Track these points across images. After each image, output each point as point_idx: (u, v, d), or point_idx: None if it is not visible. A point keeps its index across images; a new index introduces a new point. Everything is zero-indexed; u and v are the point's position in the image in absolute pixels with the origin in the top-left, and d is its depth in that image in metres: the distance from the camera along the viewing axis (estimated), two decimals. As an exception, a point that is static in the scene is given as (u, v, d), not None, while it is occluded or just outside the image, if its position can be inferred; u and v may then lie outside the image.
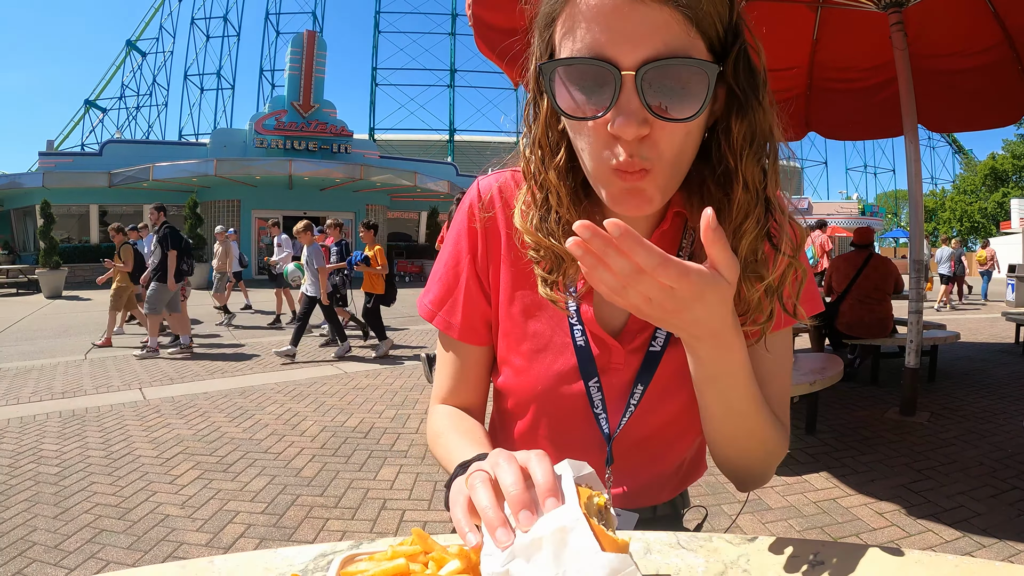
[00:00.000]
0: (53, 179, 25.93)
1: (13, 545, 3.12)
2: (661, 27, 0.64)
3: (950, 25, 5.44)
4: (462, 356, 0.99)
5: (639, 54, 0.64)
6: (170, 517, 3.43)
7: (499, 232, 0.93)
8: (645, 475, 0.98)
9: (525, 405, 0.98)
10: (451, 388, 0.99)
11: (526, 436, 0.99)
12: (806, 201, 47.71)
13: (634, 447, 0.94)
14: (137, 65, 52.16)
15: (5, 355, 9.16)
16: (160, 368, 7.78)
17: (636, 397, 0.90)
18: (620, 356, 0.90)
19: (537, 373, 0.93)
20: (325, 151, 27.96)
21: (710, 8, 0.65)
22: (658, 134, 0.67)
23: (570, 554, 0.51)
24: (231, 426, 5.14)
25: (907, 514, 3.37)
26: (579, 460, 0.68)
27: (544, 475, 0.56)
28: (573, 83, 0.68)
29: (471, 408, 1.00)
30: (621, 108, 0.65)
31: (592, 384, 0.90)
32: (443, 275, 0.98)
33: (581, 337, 0.89)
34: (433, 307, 0.98)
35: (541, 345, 0.92)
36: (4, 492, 3.80)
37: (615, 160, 0.69)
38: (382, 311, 8.80)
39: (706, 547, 0.73)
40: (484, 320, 0.97)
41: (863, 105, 6.39)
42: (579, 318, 0.89)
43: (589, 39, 0.66)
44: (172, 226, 8.67)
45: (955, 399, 5.78)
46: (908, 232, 6.51)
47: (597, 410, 0.91)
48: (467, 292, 0.95)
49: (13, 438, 4.90)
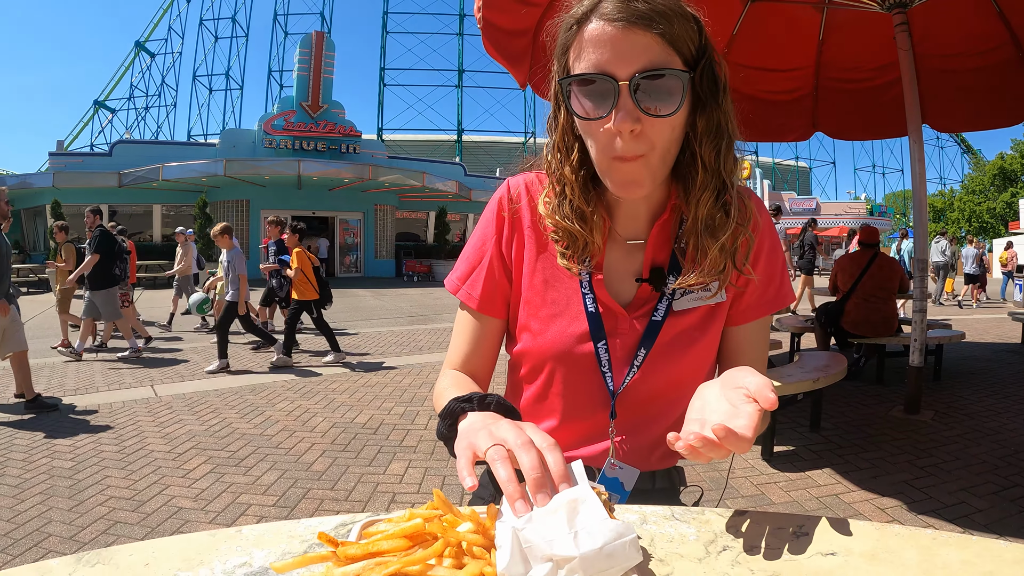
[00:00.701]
0: (63, 179, 26.10)
1: (29, 536, 3.19)
2: (646, 48, 0.85)
3: (955, 25, 5.45)
4: (478, 326, 1.15)
5: (631, 68, 0.85)
6: (183, 509, 3.50)
7: (524, 220, 1.11)
8: (646, 433, 1.10)
9: (541, 365, 1.11)
10: (464, 354, 1.15)
11: (540, 394, 1.13)
12: (814, 201, 47.58)
13: (636, 405, 1.08)
14: (146, 66, 52.50)
15: (18, 353, 9.25)
16: (171, 366, 7.87)
17: (639, 359, 1.05)
18: (626, 322, 1.06)
19: (553, 335, 1.08)
20: (334, 151, 28.04)
21: (683, 33, 0.87)
22: (649, 129, 0.88)
23: (581, 519, 0.60)
24: (242, 422, 5.22)
25: (908, 510, 3.41)
26: (587, 414, 1.01)
27: (557, 464, 0.66)
28: (584, 94, 0.89)
29: (477, 375, 1.15)
30: (620, 109, 0.86)
31: (600, 346, 1.05)
32: (470, 255, 1.15)
33: (592, 304, 1.06)
34: (459, 282, 1.15)
35: (558, 311, 1.08)
36: (19, 485, 3.88)
37: (616, 151, 0.89)
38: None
39: (698, 519, 0.79)
40: (502, 295, 1.14)
41: (870, 105, 6.40)
42: (591, 288, 1.06)
43: (594, 59, 0.87)
44: (105, 229, 8.41)
45: (960, 398, 5.80)
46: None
47: (604, 369, 1.06)
48: (489, 270, 1.12)
49: (26, 433, 4.98)
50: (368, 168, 25.54)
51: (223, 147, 28.12)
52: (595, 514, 0.60)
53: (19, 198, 28.62)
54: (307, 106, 27.98)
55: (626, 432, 1.09)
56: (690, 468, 3.93)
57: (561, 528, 0.59)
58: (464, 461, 0.70)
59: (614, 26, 0.85)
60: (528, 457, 0.66)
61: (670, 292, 1.04)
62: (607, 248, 1.08)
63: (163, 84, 53.48)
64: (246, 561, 0.70)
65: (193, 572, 0.68)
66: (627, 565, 0.58)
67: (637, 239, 1.07)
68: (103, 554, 0.72)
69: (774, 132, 7.05)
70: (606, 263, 1.08)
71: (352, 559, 0.61)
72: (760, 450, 4.26)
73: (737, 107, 1.01)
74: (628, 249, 1.08)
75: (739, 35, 5.90)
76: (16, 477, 4.01)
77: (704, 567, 0.67)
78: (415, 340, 9.99)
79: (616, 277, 1.08)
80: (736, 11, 5.69)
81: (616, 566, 0.58)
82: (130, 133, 49.75)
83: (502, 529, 0.60)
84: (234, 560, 0.71)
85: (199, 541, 0.76)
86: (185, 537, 0.76)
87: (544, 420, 1.13)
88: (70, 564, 0.70)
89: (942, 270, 16.52)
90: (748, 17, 5.73)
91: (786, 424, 4.88)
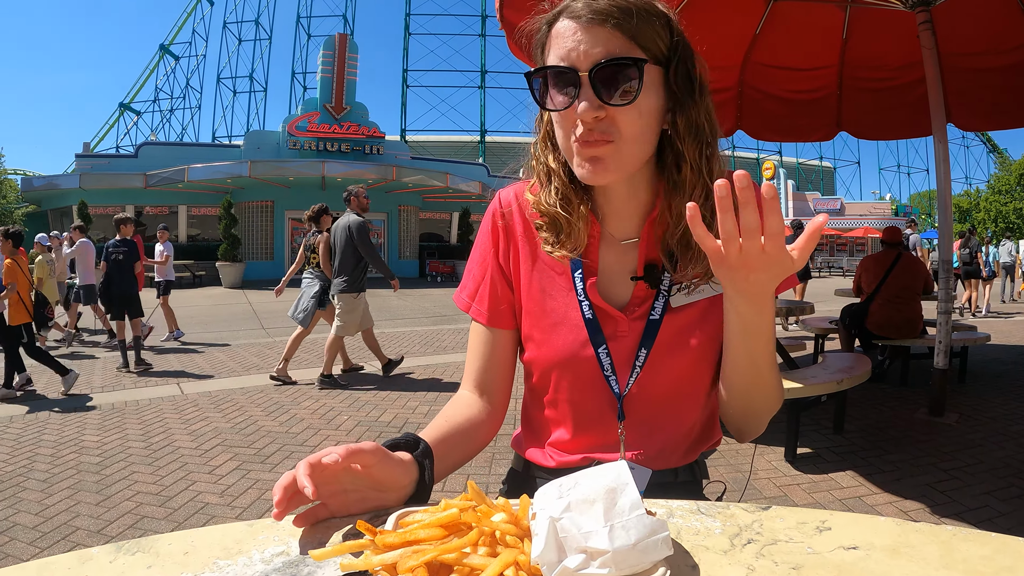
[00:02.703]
0: (90, 180, 26.46)
1: (57, 530, 3.26)
2: (605, 41, 0.89)
3: (980, 23, 5.39)
4: (492, 340, 1.16)
5: (590, 60, 0.89)
6: (210, 505, 3.55)
7: (517, 230, 1.13)
8: (657, 436, 1.10)
9: (547, 374, 1.13)
10: (479, 369, 1.16)
11: (551, 402, 1.14)
12: (838, 201, 47.13)
13: (645, 405, 1.08)
14: (170, 69, 53.15)
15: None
16: (197, 364, 7.97)
17: (641, 360, 1.05)
18: (624, 325, 1.07)
19: (555, 344, 1.09)
20: (357, 152, 28.20)
21: (645, 28, 0.90)
22: (615, 115, 0.91)
23: (618, 510, 0.62)
24: (267, 420, 5.28)
25: (931, 512, 3.39)
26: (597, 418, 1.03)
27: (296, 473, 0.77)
28: (552, 86, 0.94)
29: (493, 389, 1.16)
30: (581, 99, 0.90)
31: (601, 350, 1.06)
32: (474, 271, 1.18)
33: (589, 311, 1.06)
34: (468, 299, 1.18)
35: (557, 319, 1.09)
36: (48, 480, 3.95)
37: (583, 135, 0.92)
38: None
39: (724, 513, 0.80)
40: (509, 306, 1.16)
41: (894, 104, 6.34)
42: (585, 295, 1.07)
43: (560, 53, 0.92)
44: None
45: (984, 401, 5.73)
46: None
47: (607, 373, 1.07)
48: (492, 284, 1.15)
49: (55, 429, 5.07)
50: (392, 169, 25.67)
51: (247, 149, 28.39)
52: (632, 507, 0.62)
53: (46, 199, 29.13)
54: (331, 108, 28.15)
55: (638, 433, 1.09)
56: (712, 468, 3.92)
57: (597, 520, 0.60)
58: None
59: (578, 23, 0.90)
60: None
61: (666, 289, 1.05)
62: (600, 251, 1.09)
63: (187, 86, 54.16)
64: (283, 550, 0.72)
65: (232, 560, 0.70)
66: (657, 558, 0.60)
67: (630, 238, 1.08)
68: (142, 543, 0.74)
69: (799, 132, 7.01)
70: (601, 266, 1.09)
71: (389, 547, 0.63)
72: (783, 452, 4.24)
73: (761, 107, 1.03)
74: (622, 250, 1.08)
75: (762, 35, 5.88)
76: (45, 472, 4.09)
77: (729, 559, 0.68)
78: (439, 340, 10.04)
79: (612, 279, 1.09)
80: (759, 11, 5.67)
81: (647, 560, 0.60)
82: (155, 135, 50.39)
83: (540, 517, 0.62)
84: (272, 549, 0.73)
85: (237, 531, 0.77)
86: (223, 527, 0.78)
87: (558, 426, 1.14)
88: (110, 552, 0.72)
89: (1010, 271, 16.58)
90: (771, 16, 5.71)
91: (810, 426, 4.85)
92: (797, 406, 4.18)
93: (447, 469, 1.03)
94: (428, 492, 0.92)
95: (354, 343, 8.23)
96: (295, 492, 0.76)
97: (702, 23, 5.34)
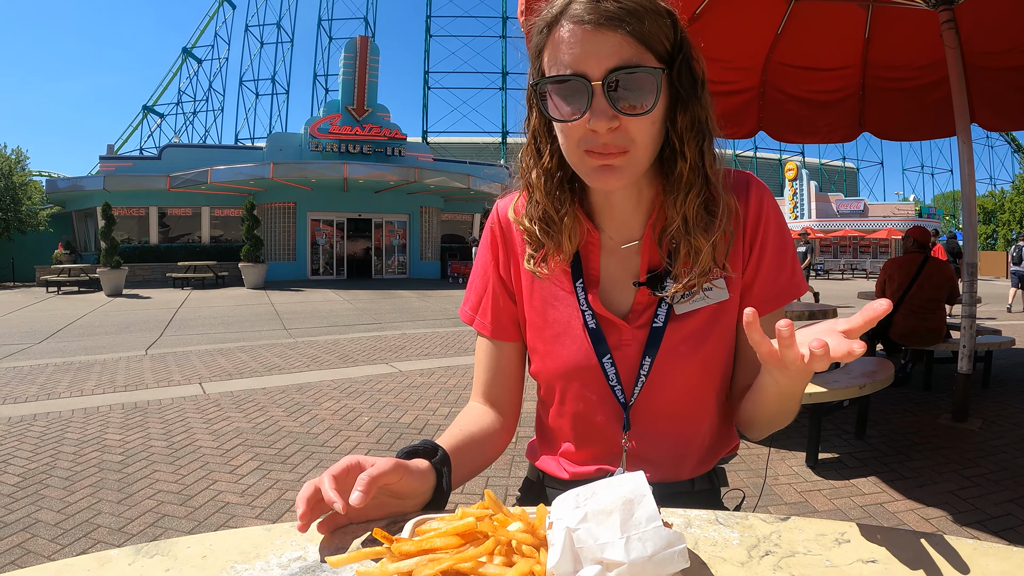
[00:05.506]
0: (113, 182, 26.80)
1: (79, 527, 3.29)
2: (617, 47, 0.85)
3: (1004, 21, 5.30)
4: (496, 353, 1.16)
5: (603, 67, 0.85)
6: (230, 504, 3.58)
7: (515, 240, 1.13)
8: (667, 445, 1.08)
9: (553, 386, 1.13)
10: (486, 382, 1.16)
11: (559, 413, 1.14)
12: (861, 203, 46.66)
13: (652, 416, 1.07)
14: (193, 71, 53.76)
15: (69, 349, 9.57)
16: (219, 364, 8.04)
17: (645, 368, 1.04)
18: (628, 333, 1.05)
19: (558, 355, 1.09)
20: (379, 154, 28.33)
21: (654, 29, 0.87)
22: (629, 125, 0.88)
23: (635, 521, 0.62)
24: (288, 420, 5.30)
25: (953, 520, 3.34)
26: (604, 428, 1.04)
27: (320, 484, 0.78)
28: (559, 95, 0.89)
29: (502, 401, 1.16)
30: (594, 109, 0.86)
31: (606, 360, 1.05)
32: (476, 284, 1.19)
33: (592, 321, 1.05)
34: (472, 312, 1.18)
35: (560, 331, 1.08)
36: (70, 478, 3.99)
37: (594, 146, 0.89)
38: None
39: (742, 524, 0.80)
40: (512, 318, 1.16)
41: (917, 105, 6.26)
42: (588, 304, 1.05)
43: (567, 60, 0.87)
44: None
45: (1009, 406, 5.65)
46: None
47: (612, 383, 1.05)
48: (495, 296, 1.15)
49: (78, 427, 5.13)
50: (413, 171, 25.73)
51: (270, 150, 28.61)
52: (649, 518, 0.61)
53: (71, 200, 29.53)
54: (352, 110, 28.30)
55: (647, 443, 1.07)
56: (732, 472, 3.90)
57: (614, 531, 0.60)
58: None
59: (584, 27, 0.85)
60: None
61: (670, 296, 1.02)
62: (601, 258, 1.07)
63: (210, 89, 54.78)
64: (301, 555, 0.73)
65: (249, 565, 0.71)
66: (673, 571, 0.60)
67: (631, 241, 1.06)
68: (161, 546, 0.75)
69: (821, 133, 6.93)
70: (603, 274, 1.07)
71: (406, 555, 0.64)
72: (804, 457, 4.21)
73: (783, 107, 1.03)
74: (624, 255, 1.06)
75: (783, 35, 5.83)
76: (67, 470, 4.13)
77: (746, 571, 0.68)
78: (460, 342, 10.02)
79: (614, 286, 1.07)
80: (780, 11, 5.63)
81: (663, 572, 0.59)
82: (178, 137, 50.95)
83: (557, 527, 0.62)
84: (289, 554, 0.73)
85: (255, 535, 0.78)
86: (241, 531, 0.79)
87: (567, 436, 1.14)
88: (129, 555, 0.73)
89: None
90: (792, 16, 5.66)
91: (831, 431, 4.80)
92: (819, 411, 4.14)
93: (462, 478, 1.04)
94: (445, 499, 0.92)
95: (376, 342, 8.24)
96: (318, 501, 0.77)
97: (724, 23, 5.33)
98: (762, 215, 1.04)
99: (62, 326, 12.55)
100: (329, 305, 16.34)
